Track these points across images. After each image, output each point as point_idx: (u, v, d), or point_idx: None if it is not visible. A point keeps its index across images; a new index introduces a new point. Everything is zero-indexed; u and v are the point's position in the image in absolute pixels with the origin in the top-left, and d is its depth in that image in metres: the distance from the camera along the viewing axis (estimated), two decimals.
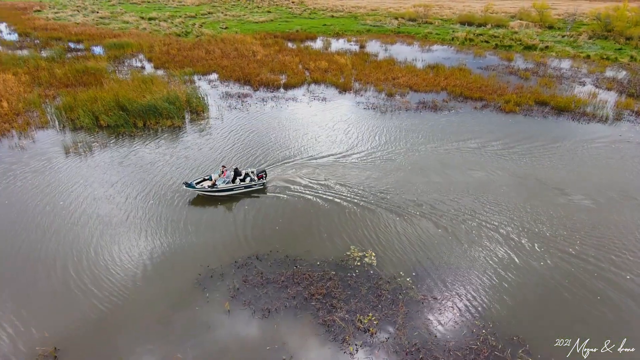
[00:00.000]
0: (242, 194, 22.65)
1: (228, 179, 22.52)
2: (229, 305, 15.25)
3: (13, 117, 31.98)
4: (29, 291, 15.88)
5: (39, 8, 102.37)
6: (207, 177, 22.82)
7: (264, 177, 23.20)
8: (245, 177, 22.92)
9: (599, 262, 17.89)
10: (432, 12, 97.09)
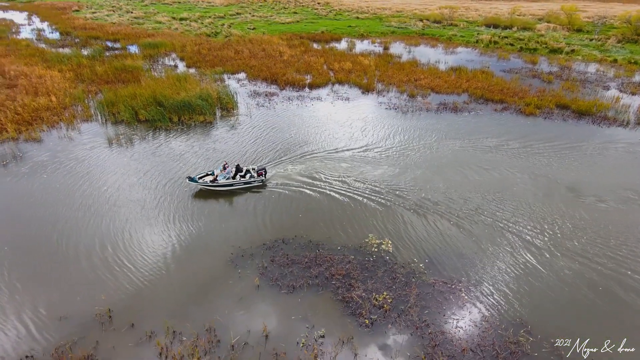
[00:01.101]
0: (242, 189, 24.01)
1: (229, 175, 23.90)
2: (258, 281, 17.06)
3: (61, 111, 34.83)
4: (82, 262, 18.12)
5: (77, 8, 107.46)
6: (210, 172, 24.27)
7: (263, 174, 24.42)
8: (246, 173, 24.29)
9: (609, 261, 18.88)
10: (457, 14, 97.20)
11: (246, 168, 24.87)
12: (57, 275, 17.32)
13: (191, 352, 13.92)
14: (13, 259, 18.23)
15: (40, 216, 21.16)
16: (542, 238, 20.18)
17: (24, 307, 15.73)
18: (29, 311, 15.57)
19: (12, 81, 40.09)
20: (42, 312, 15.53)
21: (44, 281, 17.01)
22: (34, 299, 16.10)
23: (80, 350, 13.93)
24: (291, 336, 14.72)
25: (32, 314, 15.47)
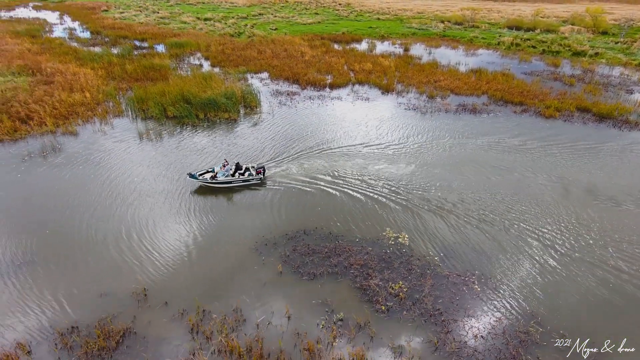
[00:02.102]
0: (241, 186, 24.88)
1: (228, 173, 24.83)
2: (281, 268, 18.16)
3: (94, 106, 36.74)
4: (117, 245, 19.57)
5: (106, 8, 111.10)
6: (210, 169, 25.21)
7: (262, 172, 25.22)
8: (245, 171, 25.18)
9: (622, 260, 19.31)
10: (479, 16, 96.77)
11: (245, 166, 25.66)
12: (94, 257, 18.78)
13: (220, 329, 15.10)
14: (54, 240, 19.80)
15: (75, 203, 22.75)
16: (556, 238, 20.68)
17: (69, 284, 17.20)
18: (73, 287, 17.03)
19: (49, 78, 42.31)
20: (85, 288, 16.97)
21: (83, 261, 18.49)
22: (77, 277, 17.56)
23: (119, 324, 15.26)
24: (312, 318, 15.75)
25: (76, 289, 16.91)
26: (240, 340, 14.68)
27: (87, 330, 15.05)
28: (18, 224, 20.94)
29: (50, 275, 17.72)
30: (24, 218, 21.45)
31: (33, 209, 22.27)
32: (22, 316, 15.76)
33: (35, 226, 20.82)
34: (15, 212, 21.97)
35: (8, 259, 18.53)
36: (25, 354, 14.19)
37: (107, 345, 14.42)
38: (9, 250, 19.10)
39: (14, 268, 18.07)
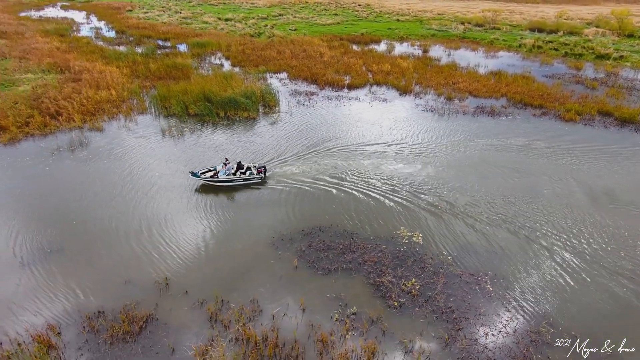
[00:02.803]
0: (242, 185, 25.29)
1: (229, 171, 25.29)
2: (297, 262, 18.71)
3: (120, 104, 38.04)
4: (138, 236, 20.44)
5: (131, 8, 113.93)
6: (212, 167, 25.72)
7: (263, 172, 25.62)
8: (247, 170, 25.66)
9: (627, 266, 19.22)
10: (500, 18, 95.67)
11: (247, 165, 26.14)
12: (118, 247, 19.67)
13: (237, 318, 15.72)
14: (80, 230, 20.80)
15: (99, 196, 23.77)
16: (570, 241, 20.66)
17: (95, 271, 18.12)
18: (99, 275, 17.93)
19: (77, 75, 43.92)
20: (110, 276, 17.85)
21: (108, 250, 19.40)
22: (102, 265, 18.47)
23: (143, 310, 16.04)
24: (325, 311, 16.24)
25: (102, 277, 17.81)
26: (256, 329, 15.27)
27: (112, 315, 15.88)
28: (47, 214, 22.04)
29: (77, 263, 18.67)
30: (52, 209, 22.56)
31: (60, 200, 23.39)
32: (52, 300, 16.70)
33: (62, 217, 21.88)
34: (44, 203, 23.10)
35: (39, 247, 19.58)
36: (55, 335, 15.07)
37: (131, 329, 15.20)
38: (39, 238, 20.16)
39: (45, 255, 19.09)
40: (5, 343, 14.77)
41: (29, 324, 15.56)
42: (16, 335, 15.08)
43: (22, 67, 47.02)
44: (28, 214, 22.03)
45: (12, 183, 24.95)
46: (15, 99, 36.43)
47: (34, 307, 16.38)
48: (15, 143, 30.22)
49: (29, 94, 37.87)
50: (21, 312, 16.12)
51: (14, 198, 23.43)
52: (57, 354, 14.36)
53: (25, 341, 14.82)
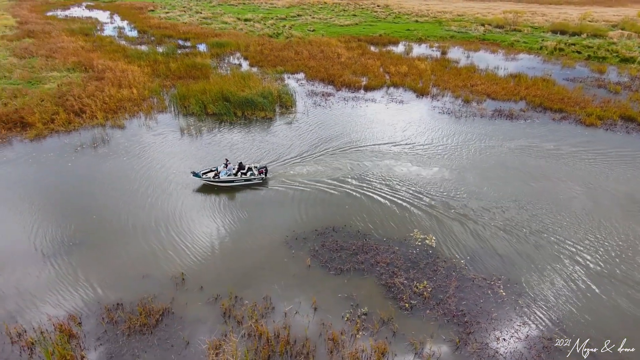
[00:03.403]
0: (243, 186, 25.50)
1: (230, 172, 25.52)
2: (310, 262, 18.96)
3: (140, 102, 38.96)
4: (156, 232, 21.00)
5: (153, 8, 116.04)
6: (214, 168, 26.00)
7: (264, 172, 25.79)
8: (248, 171, 25.85)
9: None
10: (522, 19, 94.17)
11: (248, 166, 26.33)
12: (136, 241, 20.26)
13: (250, 314, 16.06)
14: (100, 225, 21.50)
15: (119, 191, 24.46)
16: (586, 249, 20.38)
17: (114, 265, 18.73)
18: (118, 268, 18.52)
19: (100, 74, 45.12)
20: (129, 270, 18.43)
21: (127, 245, 20.00)
22: (121, 259, 19.07)
23: (159, 304, 16.53)
24: (337, 311, 16.45)
25: (121, 270, 18.40)
26: (268, 326, 15.57)
27: (130, 308, 16.41)
28: (68, 209, 22.81)
29: (97, 257, 19.30)
30: (73, 203, 23.34)
31: (81, 195, 24.15)
32: (73, 291, 17.33)
33: (83, 211, 22.61)
34: (66, 197, 23.91)
35: (61, 240, 20.30)
36: (76, 325, 15.67)
37: (148, 322, 15.68)
38: (61, 232, 20.91)
39: (67, 248, 19.80)
40: (29, 331, 15.42)
41: (51, 313, 16.20)
42: (39, 324, 15.73)
43: (49, 65, 48.53)
44: (51, 208, 22.84)
45: (36, 177, 25.89)
46: (42, 97, 37.67)
47: (56, 297, 17.04)
48: (41, 139, 31.28)
49: (54, 92, 39.10)
50: (44, 302, 16.79)
51: (38, 192, 24.32)
52: (78, 343, 14.93)
53: (47, 329, 15.45)
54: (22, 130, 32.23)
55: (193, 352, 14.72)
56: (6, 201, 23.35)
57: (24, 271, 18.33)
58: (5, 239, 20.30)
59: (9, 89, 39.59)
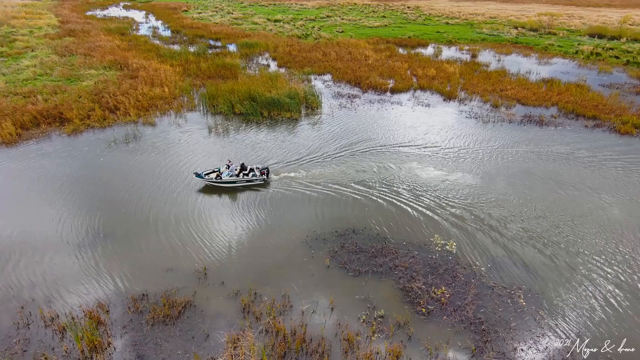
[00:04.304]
0: (244, 187, 25.75)
1: (233, 173, 25.75)
2: (329, 262, 19.22)
3: (171, 100, 40.24)
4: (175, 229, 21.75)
5: (186, 8, 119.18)
6: (216, 169, 26.29)
7: (266, 173, 25.98)
8: (250, 172, 26.05)
9: None
10: (557, 22, 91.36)
11: (250, 167, 26.54)
12: (162, 235, 21.05)
13: (269, 311, 16.46)
14: (128, 218, 22.44)
15: (147, 187, 25.40)
16: (615, 264, 19.75)
17: (141, 257, 19.56)
18: (144, 260, 19.33)
19: (134, 72, 46.85)
20: (154, 262, 19.20)
21: (153, 238, 20.82)
22: (148, 252, 19.89)
23: (182, 296, 17.17)
24: (353, 312, 16.64)
25: (147, 262, 19.19)
26: (286, 323, 15.92)
27: (155, 299, 17.11)
28: (99, 202, 23.92)
29: (125, 248, 20.19)
30: (103, 197, 24.44)
31: (111, 189, 25.25)
32: (102, 280, 18.21)
33: (112, 204, 23.66)
34: (97, 191, 25.06)
35: (92, 231, 21.34)
36: (104, 313, 16.48)
37: (171, 313, 16.32)
38: (92, 223, 21.96)
39: (97, 239, 20.79)
40: (61, 316, 16.34)
41: (81, 300, 17.10)
42: (70, 310, 16.63)
43: (87, 63, 50.74)
44: (82, 201, 24.00)
45: (71, 171, 27.23)
46: (80, 93, 39.48)
47: (86, 285, 17.95)
48: (77, 134, 32.84)
49: (91, 89, 40.90)
50: (75, 290, 17.72)
51: (71, 185, 25.59)
52: (105, 330, 15.72)
53: (78, 316, 16.32)
54: (60, 125, 33.94)
55: (212, 344, 15.24)
56: (41, 193, 24.71)
57: (57, 259, 19.40)
58: (40, 229, 21.50)
59: (50, 85, 41.69)
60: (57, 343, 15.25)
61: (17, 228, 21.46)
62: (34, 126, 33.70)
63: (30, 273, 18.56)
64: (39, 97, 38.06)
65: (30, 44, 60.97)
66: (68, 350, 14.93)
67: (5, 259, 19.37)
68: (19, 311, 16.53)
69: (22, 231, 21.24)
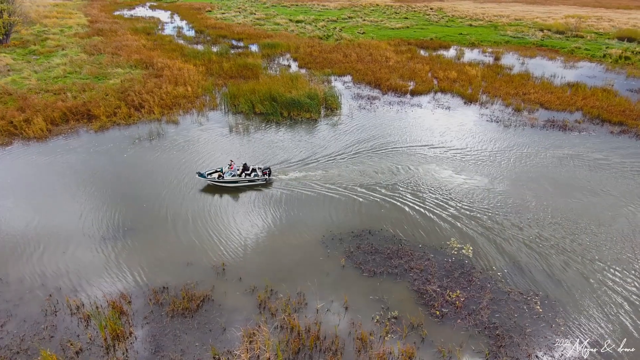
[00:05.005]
0: (246, 186, 26.01)
1: (235, 173, 26.02)
2: (344, 262, 19.46)
3: (194, 99, 41.13)
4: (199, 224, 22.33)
5: (210, 9, 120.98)
6: (219, 169, 26.55)
7: (268, 174, 26.19)
8: (252, 172, 26.27)
9: None
10: (585, 25, 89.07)
11: (252, 167, 26.80)
12: (182, 231, 21.67)
13: (284, 308, 16.81)
14: (149, 213, 23.16)
15: (168, 183, 26.10)
16: (634, 272, 19.35)
17: (162, 251, 20.20)
18: (165, 254, 19.97)
19: (159, 72, 48.02)
20: (175, 256, 19.81)
21: (173, 233, 21.45)
22: (168, 246, 20.52)
23: (201, 290, 17.68)
24: (367, 312, 16.83)
25: (168, 256, 19.82)
26: (300, 320, 16.23)
27: (174, 292, 17.68)
28: (122, 196, 24.76)
29: (147, 242, 20.89)
30: (126, 191, 25.29)
31: (134, 184, 26.10)
32: (125, 272, 18.90)
33: (134, 199, 24.47)
34: (120, 185, 25.93)
35: (116, 225, 22.13)
36: (127, 303, 17.12)
37: (190, 306, 16.84)
38: (115, 217, 22.76)
39: (120, 233, 21.56)
40: (86, 305, 17.06)
41: (105, 291, 17.81)
42: (95, 300, 17.34)
43: (114, 62, 52.27)
44: (106, 195, 24.88)
45: (96, 166, 28.22)
46: (106, 91, 40.77)
47: (109, 277, 18.67)
48: (104, 130, 33.97)
49: (117, 87, 42.17)
50: (99, 280, 18.45)
51: (96, 179, 26.54)
52: (127, 320, 16.35)
53: (102, 305, 17.01)
54: (88, 122, 35.15)
55: (229, 338, 15.67)
56: (67, 187, 25.72)
57: (81, 251, 20.22)
58: (66, 221, 22.42)
59: (79, 83, 43.18)
60: (82, 330, 15.95)
61: (44, 220, 22.44)
62: (63, 122, 35.01)
63: (57, 263, 19.40)
64: (69, 94, 39.49)
65: (60, 43, 63.14)
66: (92, 338, 15.60)
67: (34, 248, 20.30)
68: (47, 299, 17.33)
69: (49, 223, 22.20)
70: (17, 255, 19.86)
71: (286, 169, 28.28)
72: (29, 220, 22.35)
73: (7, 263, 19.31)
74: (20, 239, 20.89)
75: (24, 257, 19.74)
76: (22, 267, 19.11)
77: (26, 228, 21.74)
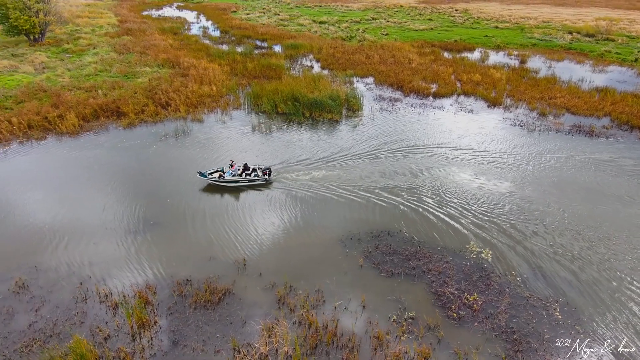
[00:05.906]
0: (247, 186, 26.28)
1: (236, 172, 26.28)
2: (362, 262, 19.73)
3: (218, 99, 42.04)
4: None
5: (235, 9, 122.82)
6: (219, 168, 26.88)
7: (268, 174, 26.42)
8: (252, 172, 26.50)
9: None
10: (617, 28, 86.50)
11: (253, 167, 27.06)
12: (204, 226, 22.35)
13: (302, 304, 17.22)
14: (173, 208, 23.94)
15: (192, 178, 26.85)
16: None
17: (185, 245, 20.92)
18: (189, 248, 20.67)
19: (185, 71, 49.25)
20: (198, 251, 20.49)
21: (196, 228, 22.15)
22: (192, 240, 21.22)
23: (222, 284, 18.26)
24: (384, 311, 17.07)
25: (191, 250, 20.51)
26: (318, 317, 16.60)
27: (197, 284, 18.31)
28: (147, 192, 25.64)
29: (171, 236, 21.64)
30: (151, 187, 26.17)
31: (159, 180, 26.97)
32: (151, 264, 19.67)
33: (159, 194, 25.30)
34: (146, 181, 26.86)
35: (143, 219, 22.98)
36: (152, 294, 17.84)
37: (212, 299, 17.43)
38: (142, 211, 23.62)
39: (147, 226, 22.38)
40: (114, 294, 17.86)
41: (132, 281, 18.59)
42: (122, 289, 18.13)
43: (142, 61, 53.84)
44: (132, 190, 25.80)
45: (123, 162, 29.27)
46: (135, 89, 42.12)
47: (136, 268, 19.46)
48: (132, 127, 35.15)
49: (145, 85, 43.49)
50: (127, 271, 19.26)
51: (122, 175, 27.54)
52: (152, 310, 17.05)
53: (129, 295, 17.78)
54: (117, 119, 36.43)
55: (249, 331, 16.17)
56: (95, 181, 26.77)
57: (110, 242, 21.11)
58: (96, 215, 23.39)
59: (109, 81, 44.72)
60: (110, 318, 16.73)
61: (76, 212, 23.48)
62: (94, 119, 36.38)
63: (87, 253, 20.31)
64: (99, 91, 40.97)
65: (92, 42, 65.39)
66: (119, 326, 16.34)
67: (69, 238, 21.30)
68: (78, 287, 18.22)
69: (80, 214, 23.22)
70: (47, 244, 20.87)
71: (306, 168, 28.70)
72: (65, 212, 23.40)
73: (38, 252, 20.34)
74: (49, 230, 21.90)
75: (56, 246, 20.75)
76: (53, 256, 20.10)
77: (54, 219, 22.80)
